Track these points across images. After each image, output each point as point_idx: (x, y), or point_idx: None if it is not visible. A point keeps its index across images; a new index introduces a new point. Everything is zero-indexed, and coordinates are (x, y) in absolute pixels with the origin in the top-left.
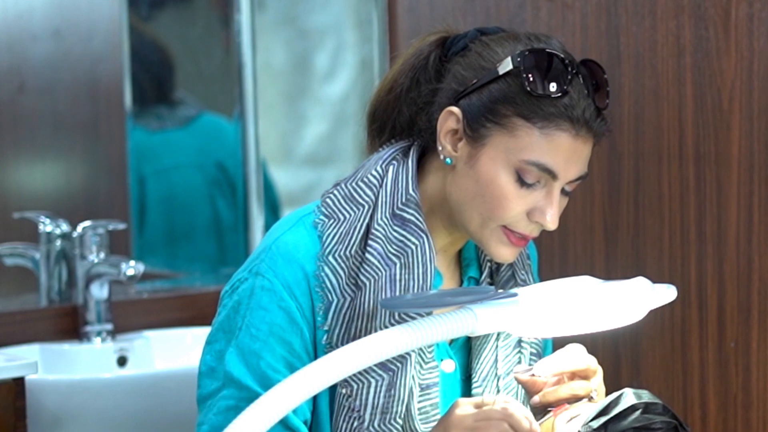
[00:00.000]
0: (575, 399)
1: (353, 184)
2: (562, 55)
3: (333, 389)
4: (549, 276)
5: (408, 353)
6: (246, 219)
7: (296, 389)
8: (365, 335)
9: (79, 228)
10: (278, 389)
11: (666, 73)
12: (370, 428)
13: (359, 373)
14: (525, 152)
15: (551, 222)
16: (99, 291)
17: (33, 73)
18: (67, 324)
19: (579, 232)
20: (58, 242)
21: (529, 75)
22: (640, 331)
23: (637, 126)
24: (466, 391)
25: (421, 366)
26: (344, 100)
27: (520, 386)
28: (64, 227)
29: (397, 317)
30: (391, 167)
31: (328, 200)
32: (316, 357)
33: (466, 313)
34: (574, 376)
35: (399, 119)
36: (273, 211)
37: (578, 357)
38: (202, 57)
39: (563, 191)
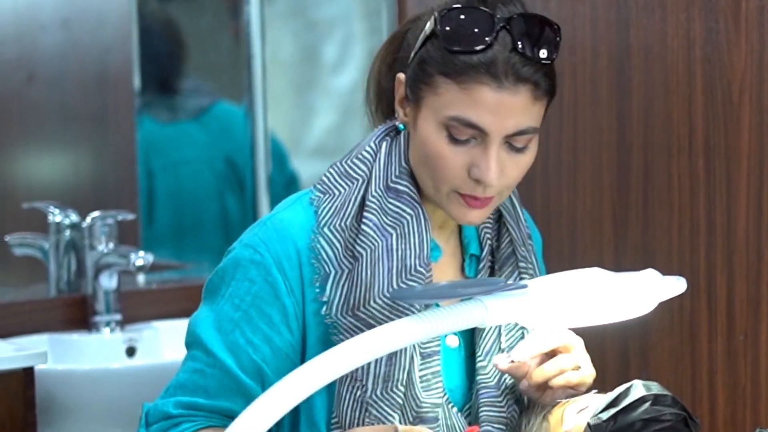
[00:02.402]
0: (561, 373)
1: (348, 161)
2: (486, 10)
3: None
4: (558, 268)
5: None
6: (254, 209)
7: (306, 380)
8: (364, 306)
9: (89, 218)
10: (287, 380)
11: (676, 65)
12: (373, 396)
13: None
14: (448, 108)
15: (488, 179)
16: (108, 281)
17: (42, 63)
18: (76, 314)
19: (588, 224)
20: (68, 232)
21: (446, 32)
22: (649, 323)
23: (647, 119)
24: (471, 366)
25: None
26: (352, 91)
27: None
28: (74, 217)
29: (395, 285)
30: (384, 143)
31: (324, 178)
32: (303, 332)
33: (477, 304)
34: (555, 354)
35: (389, 98)
36: None
37: (554, 335)
38: (211, 48)
39: (514, 148)
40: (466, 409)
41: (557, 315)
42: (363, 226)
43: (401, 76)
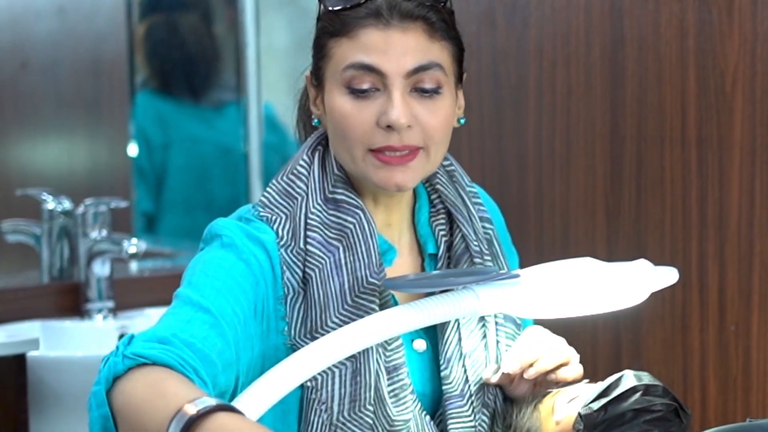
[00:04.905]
0: (560, 366)
1: (285, 178)
2: None
3: (301, 385)
4: (551, 258)
5: None
6: (248, 199)
7: (300, 366)
8: (322, 327)
9: (81, 205)
10: (280, 367)
11: (669, 56)
12: (340, 418)
13: None
14: (341, 62)
15: (394, 116)
16: (100, 268)
17: (36, 50)
18: (69, 301)
19: (581, 214)
20: (60, 219)
21: None
22: (641, 314)
23: (640, 109)
24: (435, 369)
25: (384, 348)
26: None
27: (486, 361)
28: (67, 204)
29: (349, 302)
30: (317, 153)
31: (263, 198)
32: (263, 327)
33: (468, 293)
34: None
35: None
36: None
37: (539, 342)
38: (205, 36)
39: (423, 93)
40: (438, 416)
41: (549, 304)
42: (308, 247)
43: (307, 72)
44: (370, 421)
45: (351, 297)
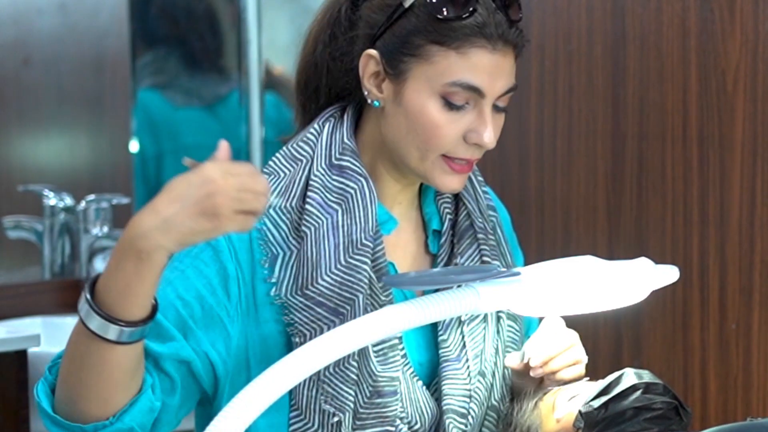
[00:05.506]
0: (573, 364)
1: (295, 144)
2: None
3: (290, 343)
4: (552, 255)
5: (355, 296)
6: None
7: (299, 364)
8: (312, 284)
9: (83, 202)
10: (278, 367)
11: (671, 55)
12: (326, 373)
13: (311, 320)
14: (446, 75)
15: (488, 140)
16: (102, 265)
17: (38, 46)
18: (70, 297)
19: (582, 212)
20: (62, 216)
21: (433, 1)
22: (642, 312)
23: (642, 108)
24: (433, 338)
25: (373, 307)
26: None
27: (488, 330)
28: (68, 201)
29: (342, 261)
30: (327, 123)
31: (270, 162)
32: (253, 308)
33: (470, 291)
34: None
35: (330, 80)
36: None
37: (562, 336)
38: (208, 33)
39: (497, 108)
40: (434, 384)
41: (550, 302)
42: (306, 206)
43: (372, 51)
44: (354, 377)
45: (345, 257)
